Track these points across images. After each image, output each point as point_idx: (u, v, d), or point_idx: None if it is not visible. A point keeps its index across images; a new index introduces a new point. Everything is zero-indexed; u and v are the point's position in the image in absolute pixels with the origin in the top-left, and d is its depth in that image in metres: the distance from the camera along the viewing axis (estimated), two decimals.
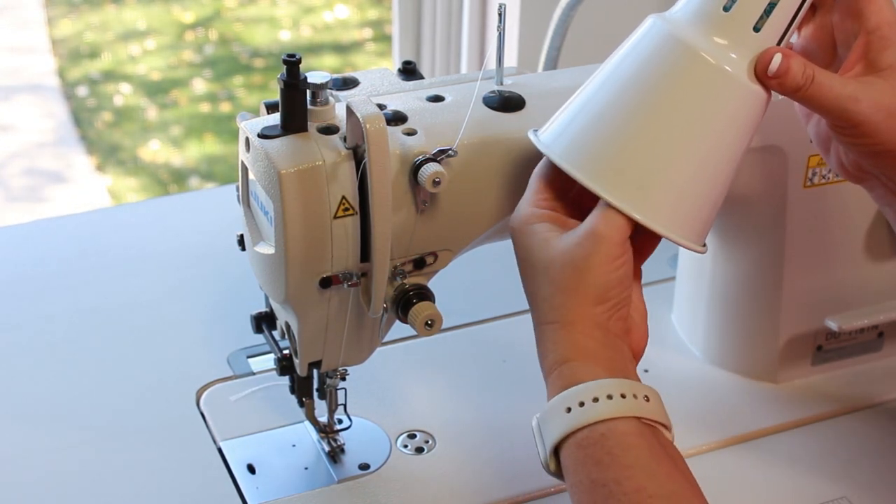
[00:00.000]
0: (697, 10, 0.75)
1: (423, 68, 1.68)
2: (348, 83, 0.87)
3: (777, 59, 0.73)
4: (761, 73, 0.73)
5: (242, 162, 0.82)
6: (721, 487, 0.91)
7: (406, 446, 0.94)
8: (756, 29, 0.74)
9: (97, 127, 3.70)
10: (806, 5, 0.74)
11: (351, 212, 0.78)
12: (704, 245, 0.77)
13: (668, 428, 0.72)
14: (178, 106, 3.80)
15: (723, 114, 0.74)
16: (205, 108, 3.79)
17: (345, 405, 0.92)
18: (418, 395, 0.99)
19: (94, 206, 3.23)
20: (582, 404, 0.70)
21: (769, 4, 0.74)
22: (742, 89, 0.74)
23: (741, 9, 0.74)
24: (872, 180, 0.79)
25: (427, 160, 0.79)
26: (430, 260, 0.83)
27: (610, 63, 0.77)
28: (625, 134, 0.74)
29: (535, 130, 0.79)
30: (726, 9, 0.74)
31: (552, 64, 1.18)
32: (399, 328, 0.86)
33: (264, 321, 0.90)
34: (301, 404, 0.92)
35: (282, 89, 0.77)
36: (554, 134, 0.77)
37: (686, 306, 1.06)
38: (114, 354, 1.04)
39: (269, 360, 0.99)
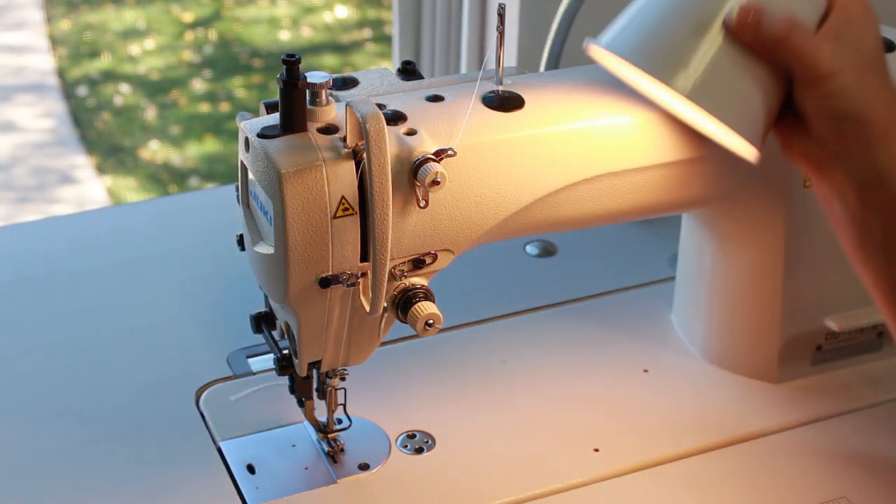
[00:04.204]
0: None
1: (423, 68, 1.67)
2: (348, 83, 0.87)
3: (753, 11, 0.76)
4: (740, 22, 0.76)
5: (242, 162, 0.82)
6: (721, 487, 0.91)
7: (406, 446, 0.94)
8: None
9: (97, 127, 3.70)
10: None
11: (350, 212, 0.78)
12: (760, 148, 0.79)
13: None
14: (177, 106, 3.80)
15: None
16: (204, 108, 3.79)
17: (344, 405, 0.92)
18: (418, 395, 0.99)
19: (93, 206, 3.23)
20: None
21: None
22: None
23: None
24: (829, 169, 0.78)
25: (427, 160, 0.79)
26: (429, 260, 0.83)
27: None
28: (690, 29, 0.77)
29: (591, 39, 0.82)
30: None
31: (554, 63, 1.18)
32: (399, 328, 0.86)
33: (264, 321, 0.90)
34: (301, 404, 0.92)
35: (281, 89, 0.77)
36: (615, 32, 0.81)
37: (686, 306, 1.06)
38: (113, 354, 1.04)
39: (268, 360, 0.99)
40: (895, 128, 0.76)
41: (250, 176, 0.82)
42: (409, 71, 0.89)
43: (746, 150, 0.81)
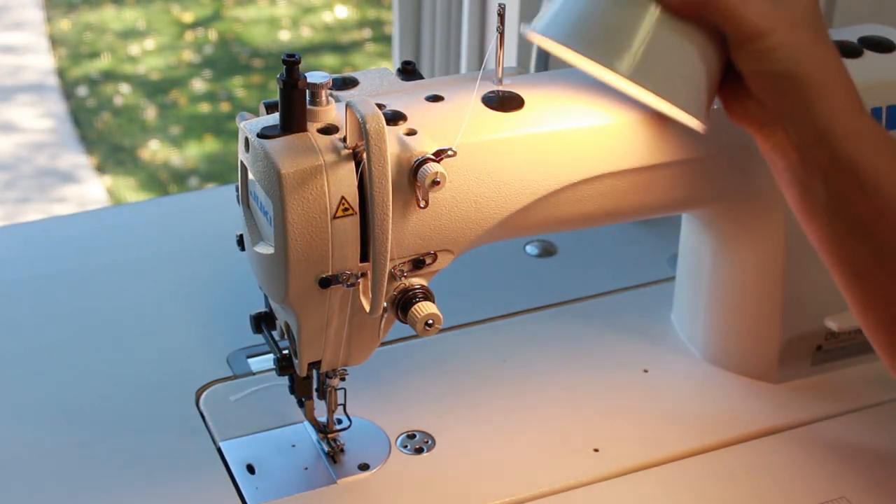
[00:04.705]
0: None
1: (423, 68, 1.67)
2: (348, 83, 0.87)
3: None
4: None
5: (242, 162, 0.82)
6: (721, 487, 0.91)
7: (406, 446, 0.94)
8: None
9: (97, 127, 3.71)
10: None
11: (350, 212, 0.78)
12: (705, 121, 0.78)
13: None
14: (177, 106, 3.80)
15: None
16: (204, 108, 3.79)
17: (344, 405, 0.92)
18: (418, 395, 0.99)
19: (93, 206, 3.23)
20: None
21: None
22: None
23: None
24: (770, 127, 0.77)
25: (427, 160, 0.79)
26: (429, 260, 0.83)
27: None
28: (626, 4, 0.75)
29: (528, 24, 0.80)
30: None
31: (543, 65, 1.18)
32: (399, 328, 0.86)
33: (264, 321, 0.90)
34: (301, 404, 0.92)
35: (281, 89, 0.77)
36: (550, 17, 0.78)
37: (686, 306, 1.06)
38: (113, 354, 1.04)
39: (268, 360, 0.99)
40: (831, 84, 0.75)
41: (250, 176, 0.82)
42: (409, 71, 0.89)
43: (692, 123, 0.79)
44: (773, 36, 0.74)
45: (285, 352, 0.88)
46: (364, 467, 0.92)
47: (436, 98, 0.84)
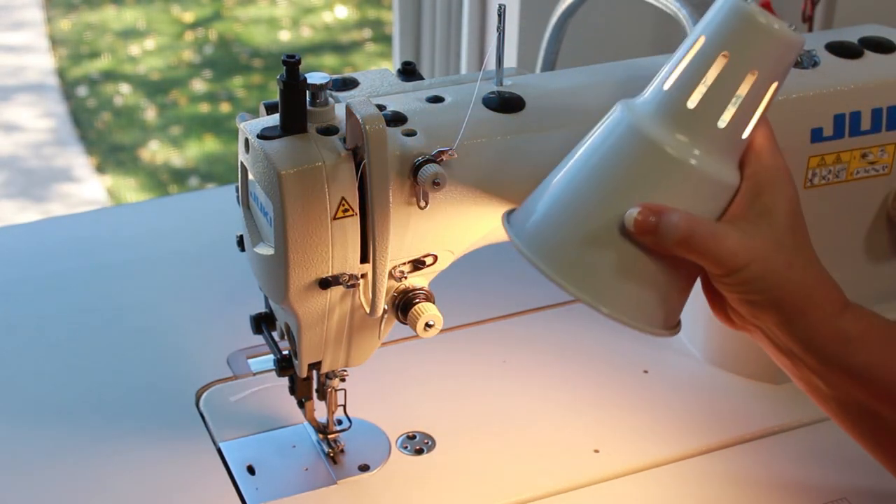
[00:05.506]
0: (662, 105, 0.74)
1: (423, 69, 1.67)
2: (348, 84, 0.87)
3: (651, 214, 0.73)
4: (640, 227, 0.73)
5: (242, 163, 0.82)
6: (721, 488, 0.91)
7: (406, 447, 0.94)
8: (720, 124, 0.73)
9: (97, 127, 3.70)
10: (769, 99, 0.74)
11: (350, 213, 0.78)
12: (677, 326, 0.79)
13: None
14: (177, 106, 3.80)
15: (690, 210, 0.74)
16: (204, 108, 3.79)
17: (344, 406, 0.92)
18: (418, 396, 0.99)
19: (93, 206, 3.23)
20: None
21: (734, 99, 0.73)
22: (707, 184, 0.74)
23: (705, 105, 0.73)
24: (757, 332, 0.79)
25: (427, 161, 0.79)
26: (429, 261, 0.83)
27: (579, 154, 0.77)
28: (593, 230, 0.75)
29: (509, 214, 0.79)
30: (690, 104, 0.73)
31: (550, 66, 1.17)
32: (399, 328, 0.86)
33: (264, 322, 0.90)
34: (301, 405, 0.92)
35: (281, 90, 0.77)
36: (525, 224, 0.78)
37: (686, 306, 1.05)
38: (113, 355, 1.04)
39: (268, 361, 0.99)
40: (808, 301, 0.76)
41: (250, 177, 0.82)
42: (409, 71, 0.89)
43: (663, 335, 0.79)
44: (748, 269, 0.74)
45: (285, 352, 0.88)
46: (364, 468, 0.92)
47: (436, 99, 0.84)
